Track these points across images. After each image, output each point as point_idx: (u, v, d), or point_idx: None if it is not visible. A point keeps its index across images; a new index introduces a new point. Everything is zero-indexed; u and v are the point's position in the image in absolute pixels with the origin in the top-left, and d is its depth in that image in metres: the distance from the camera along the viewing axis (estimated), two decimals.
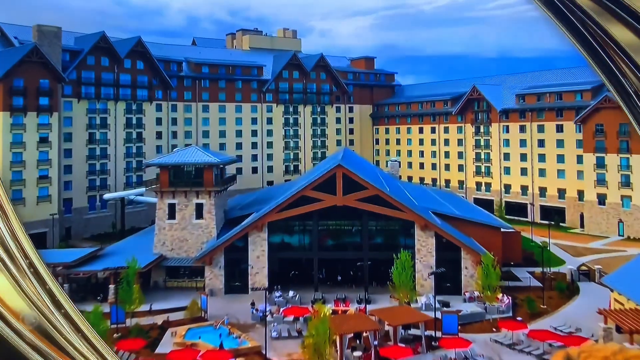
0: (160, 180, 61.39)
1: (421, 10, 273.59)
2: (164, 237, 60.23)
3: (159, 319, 49.27)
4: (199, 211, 60.23)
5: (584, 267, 65.11)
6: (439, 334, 43.73)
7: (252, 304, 50.90)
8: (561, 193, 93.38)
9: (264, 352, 41.32)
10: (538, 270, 61.67)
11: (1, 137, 75.40)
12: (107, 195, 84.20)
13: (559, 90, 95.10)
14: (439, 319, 44.74)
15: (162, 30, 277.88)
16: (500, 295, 51.45)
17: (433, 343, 42.86)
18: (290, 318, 47.28)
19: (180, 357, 38.37)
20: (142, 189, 78.48)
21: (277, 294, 53.49)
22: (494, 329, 46.26)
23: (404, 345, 41.50)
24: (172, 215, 60.28)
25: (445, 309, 48.44)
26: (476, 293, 53.01)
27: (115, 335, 43.54)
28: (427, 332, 43.62)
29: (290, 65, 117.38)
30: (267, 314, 46.03)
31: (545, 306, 51.85)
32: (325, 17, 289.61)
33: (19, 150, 76.90)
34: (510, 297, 52.46)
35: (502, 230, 64.53)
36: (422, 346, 41.78)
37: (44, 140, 79.32)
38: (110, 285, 54.74)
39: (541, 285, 56.40)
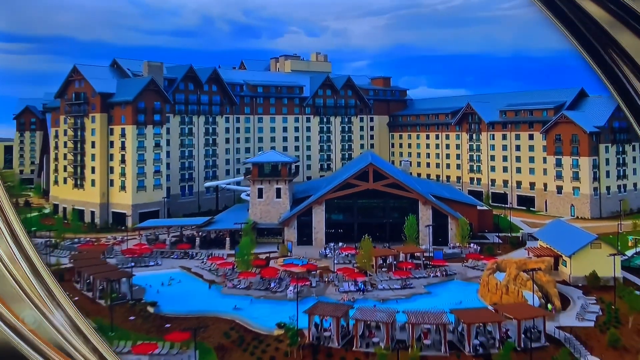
0: (252, 173, 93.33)
1: (435, 10, 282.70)
2: (255, 209, 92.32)
3: (262, 256, 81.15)
4: (278, 193, 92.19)
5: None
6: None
7: (325, 247, 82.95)
8: (532, 185, 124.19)
9: (331, 269, 73.20)
10: (502, 235, 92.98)
11: (131, 142, 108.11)
12: (207, 184, 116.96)
13: (531, 108, 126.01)
14: (432, 255, 76.48)
15: (176, 30, 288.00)
16: (471, 245, 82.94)
17: (427, 266, 74.35)
18: (344, 254, 79.21)
19: (290, 266, 70.38)
20: (235, 179, 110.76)
21: (332, 244, 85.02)
22: (464, 261, 77.67)
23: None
24: (260, 195, 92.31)
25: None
26: (457, 244, 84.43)
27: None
28: (424, 260, 75.23)
29: (324, 85, 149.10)
30: (328, 253, 77.84)
31: (500, 251, 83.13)
32: (339, 17, 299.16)
33: (142, 152, 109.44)
34: (478, 246, 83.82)
35: (478, 207, 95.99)
36: (421, 265, 73.42)
37: (157, 145, 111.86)
38: (226, 239, 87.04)
39: (500, 241, 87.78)
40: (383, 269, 72.85)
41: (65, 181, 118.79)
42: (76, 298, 65.76)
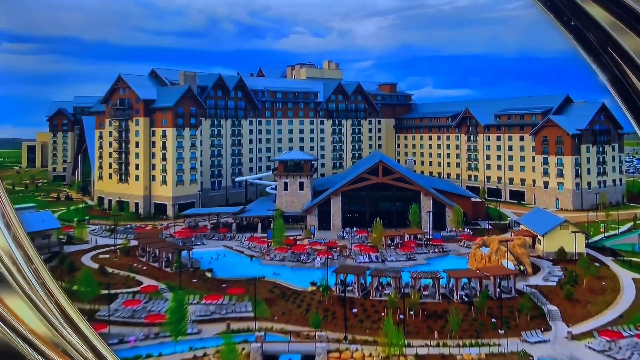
0: (279, 169, 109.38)
1: (441, 10, 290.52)
2: (281, 200, 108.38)
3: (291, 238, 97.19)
4: (301, 186, 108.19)
5: None
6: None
7: (342, 231, 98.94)
8: (522, 181, 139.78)
9: (348, 246, 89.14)
10: (492, 222, 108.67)
11: (171, 143, 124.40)
12: (238, 178, 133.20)
13: (521, 112, 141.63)
14: (432, 237, 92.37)
15: (182, 31, 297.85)
16: (465, 229, 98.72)
17: (427, 245, 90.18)
18: (359, 236, 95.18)
19: (314, 245, 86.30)
20: (259, 175, 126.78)
21: (347, 229, 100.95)
22: (459, 242, 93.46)
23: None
24: (286, 188, 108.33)
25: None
26: (453, 228, 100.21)
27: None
28: (425, 241, 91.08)
29: (336, 91, 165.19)
30: (345, 236, 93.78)
31: (489, 234, 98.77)
32: (344, 18, 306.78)
33: (180, 151, 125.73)
34: (471, 231, 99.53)
35: (472, 199, 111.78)
36: (422, 244, 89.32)
37: (193, 145, 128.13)
38: (258, 224, 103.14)
39: (490, 227, 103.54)
40: (391, 247, 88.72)
41: (110, 177, 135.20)
42: (144, 268, 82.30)
